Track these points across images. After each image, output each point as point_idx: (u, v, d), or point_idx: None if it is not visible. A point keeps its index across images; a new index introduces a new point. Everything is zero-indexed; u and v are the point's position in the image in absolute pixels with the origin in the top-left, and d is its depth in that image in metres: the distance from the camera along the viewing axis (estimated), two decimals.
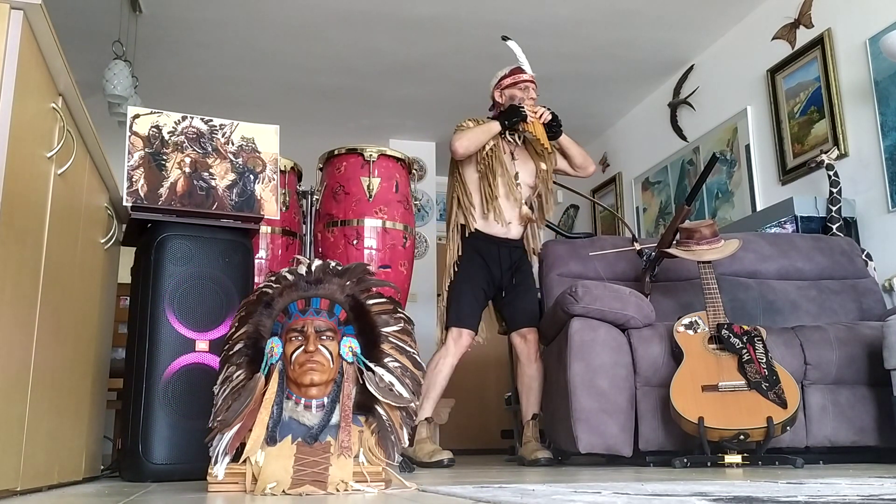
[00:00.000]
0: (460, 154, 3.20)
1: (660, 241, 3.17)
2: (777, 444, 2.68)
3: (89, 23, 4.40)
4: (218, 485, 1.68)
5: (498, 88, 3.42)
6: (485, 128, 3.26)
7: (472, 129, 3.24)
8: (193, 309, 2.28)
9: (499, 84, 3.42)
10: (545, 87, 5.50)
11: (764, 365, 2.65)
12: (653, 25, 4.67)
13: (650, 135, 5.61)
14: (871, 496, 1.18)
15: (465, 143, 3.18)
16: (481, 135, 3.23)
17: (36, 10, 1.42)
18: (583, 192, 4.32)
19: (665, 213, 5.36)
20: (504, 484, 1.75)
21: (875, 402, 2.87)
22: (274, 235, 2.90)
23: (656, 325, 2.95)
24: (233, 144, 2.45)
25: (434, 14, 4.50)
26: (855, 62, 3.79)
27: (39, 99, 1.55)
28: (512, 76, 3.41)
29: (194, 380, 2.22)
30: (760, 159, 4.45)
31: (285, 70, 5.20)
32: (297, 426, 1.73)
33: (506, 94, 3.39)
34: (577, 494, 1.35)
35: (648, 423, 2.82)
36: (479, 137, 3.23)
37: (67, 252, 1.81)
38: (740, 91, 4.64)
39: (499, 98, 3.41)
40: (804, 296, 3.42)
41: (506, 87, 3.39)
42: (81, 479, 2.11)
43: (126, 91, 4.10)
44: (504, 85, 3.40)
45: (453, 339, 3.20)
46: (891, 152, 3.54)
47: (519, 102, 3.33)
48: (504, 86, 3.40)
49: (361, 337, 1.85)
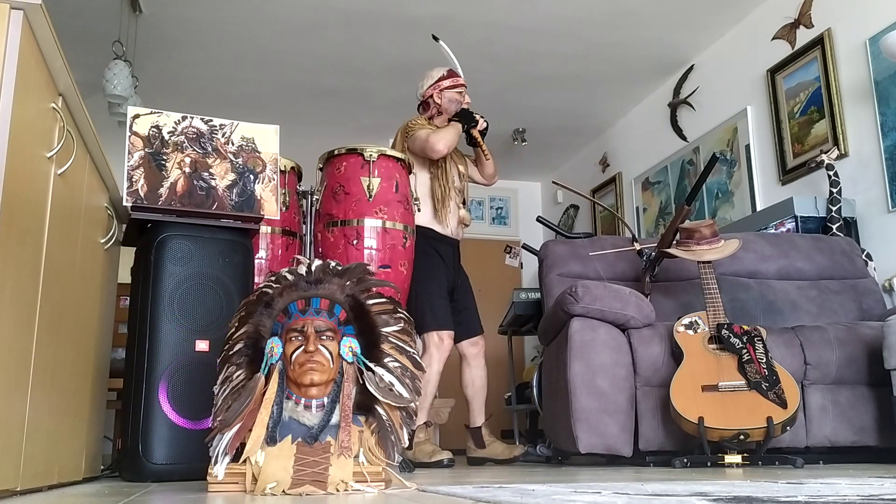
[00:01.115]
0: (442, 154, 3.23)
1: (660, 241, 3.17)
2: (777, 444, 2.68)
3: (89, 23, 4.41)
4: (218, 485, 1.68)
5: (436, 89, 3.43)
6: (454, 129, 3.29)
7: (445, 130, 3.27)
8: (193, 309, 2.28)
9: (436, 85, 3.43)
10: (545, 87, 5.52)
11: (764, 365, 2.65)
12: (653, 25, 4.67)
13: (650, 135, 5.61)
14: (871, 496, 1.18)
15: (446, 142, 3.21)
16: (455, 136, 3.28)
17: (36, 10, 1.42)
18: (583, 193, 4.32)
19: (665, 213, 5.36)
20: (504, 484, 1.75)
21: (875, 402, 2.87)
22: (274, 235, 2.89)
23: (656, 325, 2.95)
24: (233, 144, 2.45)
25: (434, 14, 4.50)
26: (855, 62, 3.79)
27: (39, 99, 1.55)
28: (451, 79, 3.45)
29: (194, 380, 2.22)
30: (760, 159, 4.45)
31: (285, 70, 5.20)
32: (297, 426, 1.73)
33: (445, 95, 3.42)
34: (577, 494, 1.35)
35: (648, 423, 2.82)
36: (454, 139, 3.27)
37: (67, 252, 1.81)
38: (740, 91, 4.64)
39: (437, 99, 3.43)
40: (804, 296, 3.42)
41: (445, 89, 3.43)
42: (81, 479, 2.12)
43: (126, 91, 4.10)
44: (443, 86, 3.43)
45: (435, 346, 3.17)
46: (891, 152, 3.54)
47: (461, 106, 3.40)
48: (443, 87, 3.43)
49: (361, 337, 1.85)
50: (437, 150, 3.19)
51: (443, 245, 3.32)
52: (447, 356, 3.23)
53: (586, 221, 6.55)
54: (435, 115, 3.42)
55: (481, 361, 3.41)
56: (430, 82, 3.44)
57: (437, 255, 3.28)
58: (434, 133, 3.24)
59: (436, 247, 3.28)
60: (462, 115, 3.35)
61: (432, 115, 3.42)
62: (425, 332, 3.18)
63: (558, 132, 6.27)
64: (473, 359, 3.39)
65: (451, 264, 3.36)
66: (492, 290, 5.60)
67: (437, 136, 3.21)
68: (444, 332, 3.20)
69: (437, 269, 3.26)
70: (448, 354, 3.24)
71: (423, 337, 3.19)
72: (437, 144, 3.19)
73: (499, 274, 6.09)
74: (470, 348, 3.39)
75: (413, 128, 3.31)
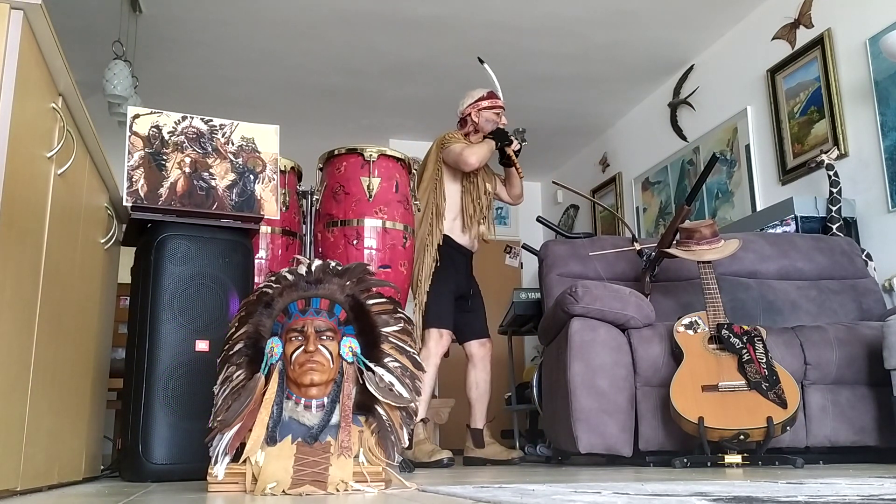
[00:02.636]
0: (474, 168, 3.39)
1: (660, 241, 3.17)
2: (777, 444, 2.68)
3: (89, 23, 4.41)
4: (218, 485, 1.68)
5: (474, 108, 3.55)
6: (487, 146, 3.43)
7: (479, 145, 3.43)
8: (193, 309, 2.28)
9: (475, 104, 3.55)
10: (546, 87, 5.52)
11: (764, 365, 2.65)
12: (653, 25, 4.67)
13: (650, 135, 5.61)
14: (871, 496, 1.18)
15: (478, 157, 3.37)
16: (488, 152, 3.42)
17: (36, 10, 1.42)
18: (583, 192, 4.32)
19: (665, 213, 5.36)
20: (504, 484, 1.75)
21: (875, 402, 2.87)
22: (274, 235, 2.89)
23: (656, 325, 2.95)
24: (233, 144, 2.44)
25: (434, 14, 4.50)
26: (855, 62, 3.79)
27: (39, 99, 1.55)
28: (490, 100, 3.57)
29: (194, 380, 2.22)
30: (760, 159, 4.45)
31: (285, 70, 5.20)
32: (297, 426, 1.73)
33: (482, 115, 3.54)
34: (577, 494, 1.35)
35: (648, 423, 2.82)
36: (487, 155, 3.42)
37: (67, 252, 1.81)
38: (740, 91, 4.64)
39: (475, 118, 3.55)
40: (804, 296, 3.42)
41: (483, 109, 3.54)
42: (81, 479, 2.11)
43: (126, 91, 4.10)
44: (482, 106, 3.55)
45: (434, 341, 3.31)
46: (891, 152, 3.54)
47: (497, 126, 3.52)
48: (482, 107, 3.54)
49: (361, 337, 1.85)
50: (469, 164, 3.35)
51: (457, 253, 3.46)
52: (444, 353, 3.33)
53: (586, 221, 6.55)
54: (471, 133, 3.55)
55: (487, 365, 3.51)
56: (469, 101, 3.58)
57: (450, 261, 3.41)
58: (468, 147, 3.40)
59: (449, 253, 3.42)
60: (497, 133, 3.48)
61: (468, 132, 3.55)
62: (426, 328, 3.32)
63: (558, 132, 6.27)
64: (480, 361, 3.49)
65: (463, 272, 3.49)
66: (492, 290, 5.57)
67: (470, 150, 3.37)
68: (444, 330, 3.34)
69: (447, 274, 3.38)
70: (445, 351, 3.34)
71: (423, 333, 3.32)
72: (470, 158, 3.35)
73: (499, 274, 6.08)
74: (478, 349, 3.48)
75: (449, 140, 3.46)
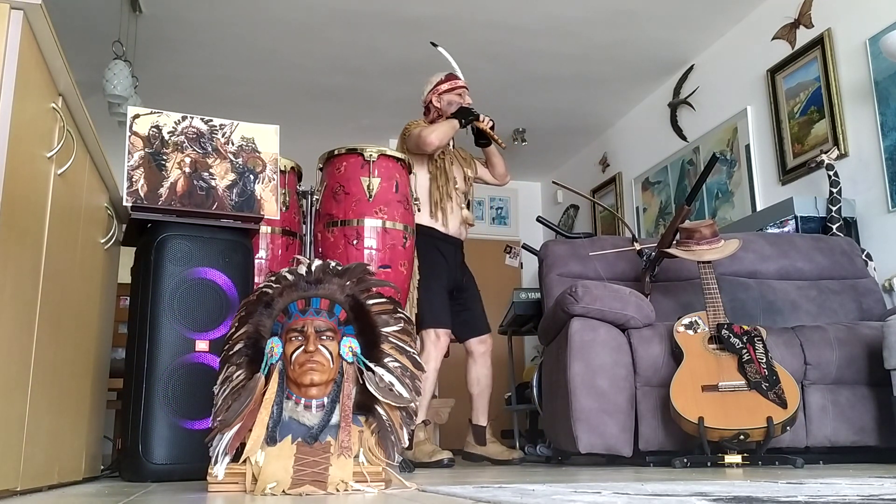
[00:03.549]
0: (435, 146, 3.28)
1: (660, 241, 3.17)
2: (777, 444, 2.68)
3: (89, 23, 4.41)
4: (218, 485, 1.68)
5: (435, 93, 3.50)
6: (448, 124, 3.34)
7: (440, 124, 3.32)
8: (193, 309, 2.28)
9: (435, 89, 3.50)
10: (546, 87, 5.52)
11: (764, 365, 2.65)
12: (653, 25, 4.67)
13: (650, 135, 5.61)
14: (871, 496, 1.18)
15: (438, 136, 3.26)
16: (449, 130, 3.32)
17: (36, 10, 1.42)
18: (583, 192, 4.32)
19: (665, 213, 5.36)
20: (504, 484, 1.75)
21: (875, 402, 2.87)
22: (274, 235, 2.89)
23: (656, 325, 2.95)
24: (233, 144, 2.44)
25: (434, 14, 4.50)
26: (855, 62, 3.79)
27: (39, 99, 1.55)
28: (449, 82, 3.51)
29: (194, 380, 2.22)
30: (760, 159, 4.45)
31: (285, 70, 5.20)
32: (297, 426, 1.73)
33: (444, 98, 3.48)
34: (577, 494, 1.35)
35: (648, 423, 2.82)
36: (448, 132, 3.31)
37: (67, 252, 1.81)
38: (740, 91, 4.64)
39: (437, 103, 3.49)
40: (804, 296, 3.42)
41: (443, 93, 3.49)
42: (81, 479, 2.11)
43: (126, 91, 4.10)
44: (441, 90, 3.49)
45: (432, 343, 3.22)
46: (891, 152, 3.54)
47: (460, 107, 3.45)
48: (441, 91, 3.49)
49: (361, 337, 1.85)
50: (429, 142, 3.25)
51: (445, 244, 3.36)
52: (444, 353, 3.26)
53: (586, 221, 6.55)
54: (436, 119, 3.46)
55: (488, 360, 3.45)
56: (429, 87, 3.52)
57: (439, 254, 3.32)
58: (426, 127, 3.32)
59: (438, 246, 3.33)
60: (460, 111, 3.40)
61: (433, 119, 3.47)
62: (423, 330, 3.23)
63: (558, 132, 6.27)
64: (480, 357, 3.44)
65: (454, 263, 3.39)
66: (492, 290, 5.58)
67: (429, 129, 3.28)
68: (441, 330, 3.25)
69: (439, 268, 3.30)
70: (445, 352, 3.27)
71: (420, 334, 3.22)
72: (430, 136, 3.24)
73: (499, 274, 6.08)
74: (478, 346, 3.43)
75: (409, 128, 3.39)
